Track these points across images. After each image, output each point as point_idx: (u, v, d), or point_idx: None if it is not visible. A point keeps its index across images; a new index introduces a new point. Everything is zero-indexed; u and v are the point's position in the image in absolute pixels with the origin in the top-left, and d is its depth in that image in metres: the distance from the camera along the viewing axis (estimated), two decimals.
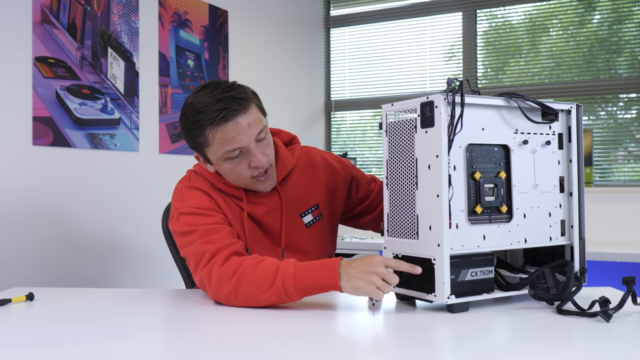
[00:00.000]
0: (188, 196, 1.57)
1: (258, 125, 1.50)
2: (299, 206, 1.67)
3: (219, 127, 1.46)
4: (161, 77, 2.92)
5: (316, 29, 4.23)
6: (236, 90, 1.49)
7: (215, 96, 1.47)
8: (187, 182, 1.63)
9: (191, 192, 1.58)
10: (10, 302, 1.45)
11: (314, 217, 1.68)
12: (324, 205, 1.70)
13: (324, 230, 1.70)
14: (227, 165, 1.52)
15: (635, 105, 3.49)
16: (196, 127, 1.49)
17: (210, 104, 1.46)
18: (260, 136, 1.51)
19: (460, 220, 1.33)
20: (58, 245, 2.43)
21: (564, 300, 1.31)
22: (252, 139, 1.49)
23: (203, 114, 1.47)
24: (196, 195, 1.57)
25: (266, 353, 1.04)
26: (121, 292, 1.66)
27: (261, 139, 1.52)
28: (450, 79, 1.29)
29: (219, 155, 1.50)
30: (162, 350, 1.11)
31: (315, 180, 1.70)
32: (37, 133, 2.35)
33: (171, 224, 1.58)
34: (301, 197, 1.67)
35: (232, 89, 1.49)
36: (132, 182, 2.75)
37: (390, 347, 1.12)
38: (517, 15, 3.81)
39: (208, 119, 1.46)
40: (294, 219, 1.66)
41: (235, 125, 1.46)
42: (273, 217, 1.63)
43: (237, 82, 1.54)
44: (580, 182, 1.48)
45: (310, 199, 1.68)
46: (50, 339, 1.14)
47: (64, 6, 2.46)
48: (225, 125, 1.46)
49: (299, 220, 1.66)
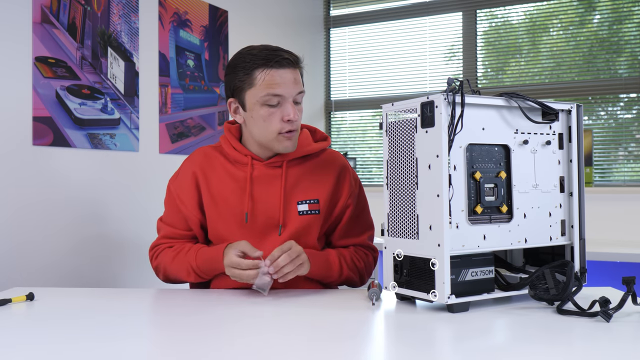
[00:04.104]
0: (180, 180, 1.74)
1: (300, 87, 1.63)
2: (299, 193, 1.68)
3: (272, 69, 1.58)
4: (161, 77, 2.92)
5: (316, 29, 4.23)
6: (294, 54, 1.65)
7: (272, 47, 1.63)
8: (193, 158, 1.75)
9: (184, 177, 1.73)
10: (10, 302, 1.45)
11: (310, 209, 1.68)
12: (324, 204, 1.70)
13: (314, 226, 1.69)
14: (262, 111, 1.60)
15: (635, 105, 3.49)
16: (247, 66, 1.60)
17: (267, 50, 1.61)
18: (298, 98, 1.63)
19: (461, 220, 1.33)
20: (58, 245, 2.43)
21: (564, 300, 1.31)
22: (294, 94, 1.61)
23: (258, 56, 1.59)
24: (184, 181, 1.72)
25: (265, 352, 1.04)
26: (121, 292, 1.66)
27: (298, 102, 1.64)
28: (451, 79, 1.29)
29: (259, 97, 1.59)
30: (163, 350, 1.10)
31: (326, 180, 1.71)
32: (37, 133, 2.35)
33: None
34: (305, 186, 1.69)
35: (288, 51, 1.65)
36: (132, 182, 2.75)
37: (390, 347, 1.12)
38: (517, 15, 3.81)
39: (262, 59, 1.58)
40: (289, 202, 1.67)
41: (286, 74, 1.59)
42: (271, 193, 1.67)
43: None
44: (580, 182, 1.48)
45: (312, 192, 1.69)
46: (50, 339, 1.14)
47: (64, 6, 2.46)
48: (277, 70, 1.58)
49: (294, 205, 1.67)
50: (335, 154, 1.80)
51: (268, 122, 1.61)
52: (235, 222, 1.66)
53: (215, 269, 1.60)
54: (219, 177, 1.70)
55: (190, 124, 3.08)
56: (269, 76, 1.58)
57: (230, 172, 1.69)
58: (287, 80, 1.59)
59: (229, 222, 1.67)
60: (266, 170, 1.69)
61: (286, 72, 1.59)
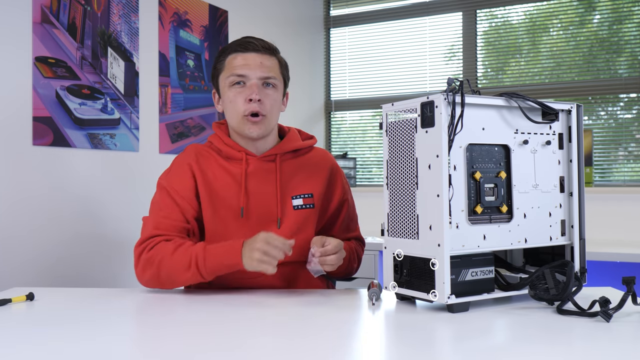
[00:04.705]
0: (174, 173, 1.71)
1: (269, 72, 1.67)
2: (294, 188, 1.70)
3: (237, 53, 1.68)
4: (161, 77, 2.92)
5: (316, 29, 4.23)
6: (270, 43, 1.72)
7: (249, 37, 1.71)
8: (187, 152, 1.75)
9: (179, 169, 1.70)
10: (10, 302, 1.45)
11: (305, 204, 1.70)
12: (318, 198, 1.71)
13: (310, 220, 1.70)
14: (230, 93, 1.67)
15: (635, 105, 3.49)
16: (221, 54, 1.72)
17: (242, 38, 1.71)
18: (268, 81, 1.68)
19: (461, 220, 1.33)
20: (58, 245, 2.43)
21: (564, 300, 1.31)
22: (258, 76, 1.66)
23: (232, 43, 1.71)
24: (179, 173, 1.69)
25: (265, 351, 1.04)
26: (121, 292, 1.66)
27: (267, 85, 1.68)
28: (451, 79, 1.29)
29: (226, 80, 1.68)
30: (163, 350, 1.10)
31: (318, 175, 1.75)
32: (37, 133, 2.35)
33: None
34: (299, 181, 1.72)
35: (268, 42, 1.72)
36: (132, 182, 2.75)
37: (390, 347, 1.12)
38: (517, 15, 3.81)
39: (232, 47, 1.69)
40: (284, 196, 1.69)
41: (250, 57, 1.67)
42: (266, 188, 1.68)
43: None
44: (580, 182, 1.48)
45: (306, 186, 1.72)
46: (50, 339, 1.14)
47: (64, 6, 2.46)
48: (241, 54, 1.67)
49: (289, 199, 1.69)
50: (325, 152, 1.85)
51: (234, 104, 1.67)
52: (231, 216, 1.67)
53: (224, 265, 1.50)
54: (213, 172, 1.70)
55: (190, 124, 3.08)
56: (234, 59, 1.67)
57: (225, 168, 1.70)
58: (252, 62, 1.66)
59: (224, 217, 1.67)
60: (260, 164, 1.70)
61: (252, 55, 1.67)
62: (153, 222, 1.64)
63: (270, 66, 1.68)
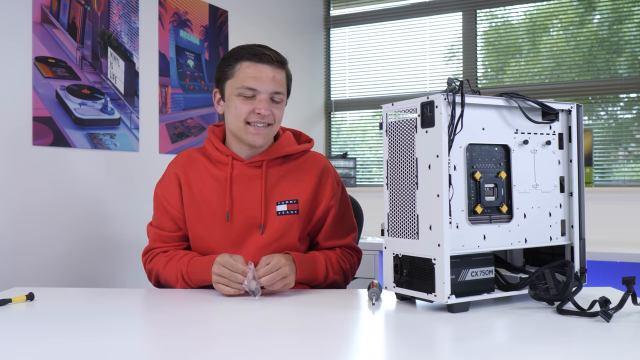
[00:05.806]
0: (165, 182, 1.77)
1: (279, 87, 1.67)
2: (279, 193, 1.70)
3: (251, 62, 1.64)
4: (161, 77, 2.92)
5: (316, 29, 4.23)
6: (281, 55, 1.70)
7: (262, 45, 1.69)
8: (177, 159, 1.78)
9: (168, 178, 1.76)
10: (10, 302, 1.45)
11: (289, 210, 1.69)
12: (304, 204, 1.70)
13: (294, 226, 1.69)
14: (236, 101, 1.65)
15: (635, 105, 3.49)
16: (231, 58, 1.67)
17: (255, 47, 1.68)
18: (276, 98, 1.67)
19: (461, 220, 1.33)
20: (58, 245, 2.43)
21: (564, 300, 1.31)
22: (270, 91, 1.65)
23: (245, 50, 1.67)
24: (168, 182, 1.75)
25: (265, 352, 1.04)
26: (121, 292, 1.66)
27: (275, 101, 1.67)
28: (451, 79, 1.29)
29: (235, 87, 1.65)
30: (163, 350, 1.10)
31: (306, 181, 1.72)
32: (37, 133, 2.35)
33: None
34: (285, 187, 1.71)
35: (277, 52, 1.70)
36: (132, 182, 2.75)
37: (390, 347, 1.12)
38: (517, 15, 3.81)
39: (246, 54, 1.65)
40: (268, 202, 1.68)
41: (264, 69, 1.64)
42: (250, 193, 1.68)
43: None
44: (580, 182, 1.48)
45: (292, 192, 1.70)
46: (50, 339, 1.14)
47: (64, 6, 2.46)
48: (256, 65, 1.64)
49: (273, 205, 1.69)
50: (318, 156, 1.81)
51: (240, 111, 1.65)
52: (215, 221, 1.68)
53: (202, 279, 1.60)
54: (200, 177, 1.72)
55: (190, 124, 3.08)
56: (248, 69, 1.64)
57: (211, 172, 1.72)
58: (265, 76, 1.64)
59: (209, 222, 1.68)
60: (246, 170, 1.70)
61: (265, 67, 1.64)
62: (152, 233, 1.77)
63: (280, 80, 1.68)
